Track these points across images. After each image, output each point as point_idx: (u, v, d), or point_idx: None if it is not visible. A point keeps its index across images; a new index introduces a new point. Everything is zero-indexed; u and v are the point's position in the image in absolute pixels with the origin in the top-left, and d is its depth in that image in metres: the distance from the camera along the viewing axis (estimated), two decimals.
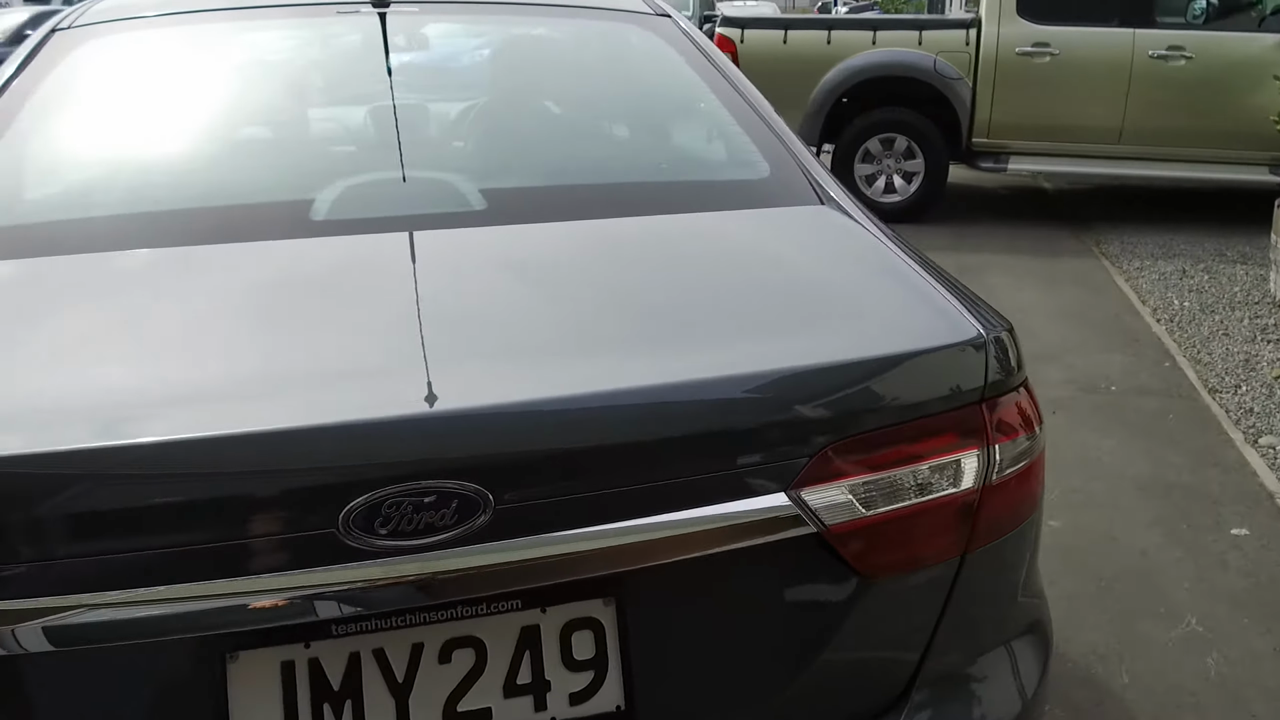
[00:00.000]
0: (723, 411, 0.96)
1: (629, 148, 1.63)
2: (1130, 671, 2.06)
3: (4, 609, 0.81)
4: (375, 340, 1.03)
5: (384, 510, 0.84)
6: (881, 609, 1.04)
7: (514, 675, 0.93)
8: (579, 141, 1.63)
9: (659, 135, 1.69)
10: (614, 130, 1.69)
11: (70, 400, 0.90)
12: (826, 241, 1.37)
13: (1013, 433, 1.10)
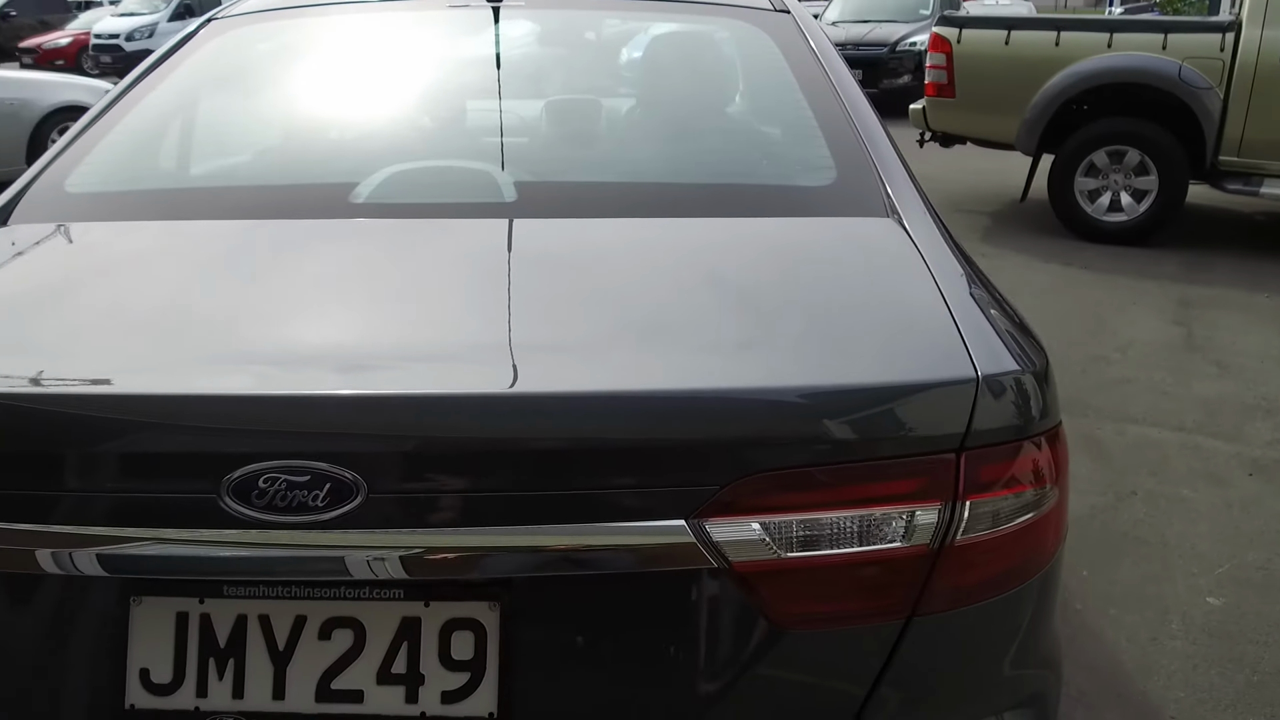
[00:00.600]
0: (636, 425, 0.91)
1: (695, 147, 1.58)
2: None
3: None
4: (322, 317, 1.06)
5: (259, 484, 0.87)
6: (800, 664, 0.94)
7: (389, 663, 0.93)
8: (643, 139, 1.59)
9: (730, 135, 1.62)
10: (685, 128, 1.64)
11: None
12: (858, 256, 1.26)
13: (1003, 489, 0.96)
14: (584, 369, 0.94)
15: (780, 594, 0.91)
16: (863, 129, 1.53)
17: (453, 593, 0.93)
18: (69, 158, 1.54)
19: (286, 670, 0.93)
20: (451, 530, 0.89)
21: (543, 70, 1.76)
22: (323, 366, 0.95)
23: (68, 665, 0.95)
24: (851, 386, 0.93)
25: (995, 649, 1.01)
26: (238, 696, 0.93)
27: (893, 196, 1.38)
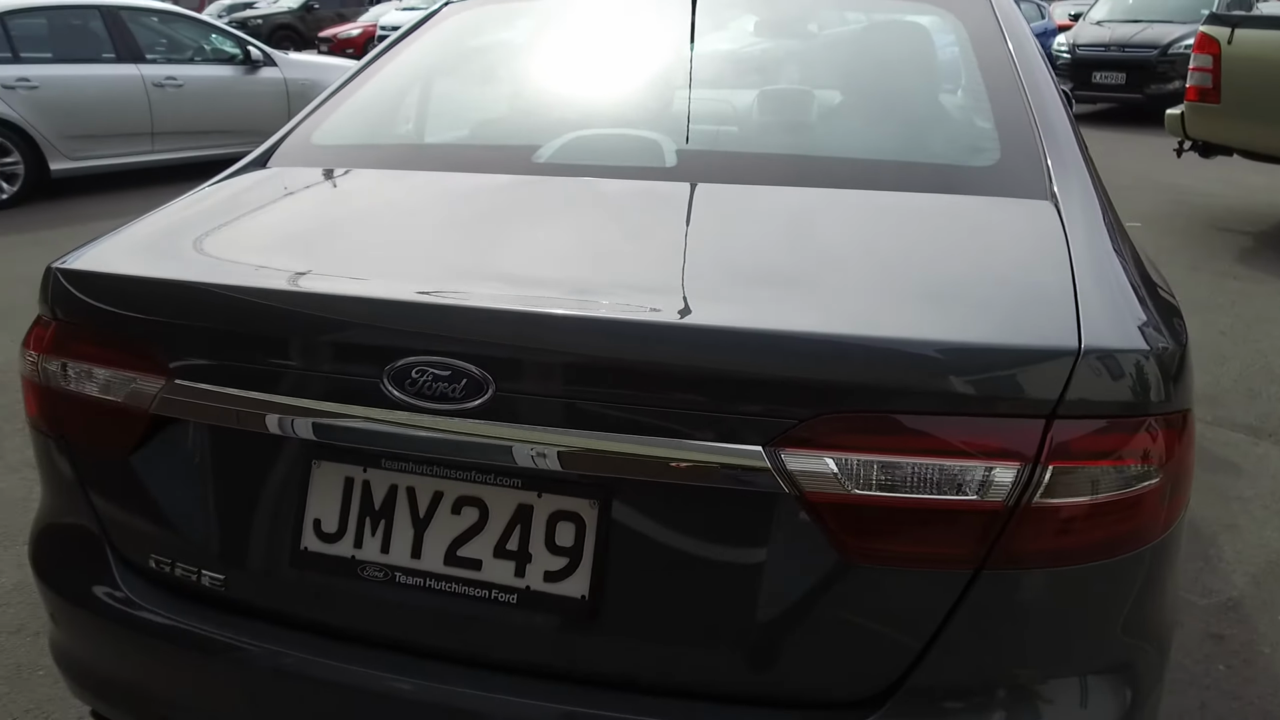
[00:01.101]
0: (731, 359, 1.00)
1: (856, 125, 1.63)
2: None
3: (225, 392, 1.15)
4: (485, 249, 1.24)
5: (412, 374, 1.05)
6: (864, 599, 0.99)
7: (505, 541, 1.08)
8: (805, 115, 1.66)
9: (897, 115, 1.65)
10: (849, 108, 1.69)
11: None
12: (997, 232, 1.27)
13: (1093, 460, 0.97)
14: (694, 305, 1.05)
15: (848, 528, 0.98)
16: (1039, 116, 1.52)
17: (561, 487, 1.07)
18: (317, 117, 1.84)
19: (423, 535, 1.11)
20: (564, 430, 1.02)
21: (722, 51, 1.87)
22: (476, 284, 1.12)
23: (261, 512, 1.18)
24: (942, 343, 0.98)
25: (1074, 614, 1.01)
26: (384, 551, 1.12)
27: (1054, 180, 1.38)
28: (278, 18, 20.71)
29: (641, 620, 1.05)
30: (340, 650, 1.13)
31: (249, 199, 1.53)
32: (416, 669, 1.10)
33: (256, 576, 1.18)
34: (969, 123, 1.56)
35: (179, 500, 1.21)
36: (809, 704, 1.03)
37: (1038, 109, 1.54)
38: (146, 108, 7.52)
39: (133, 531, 1.26)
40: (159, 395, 1.18)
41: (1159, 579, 1.06)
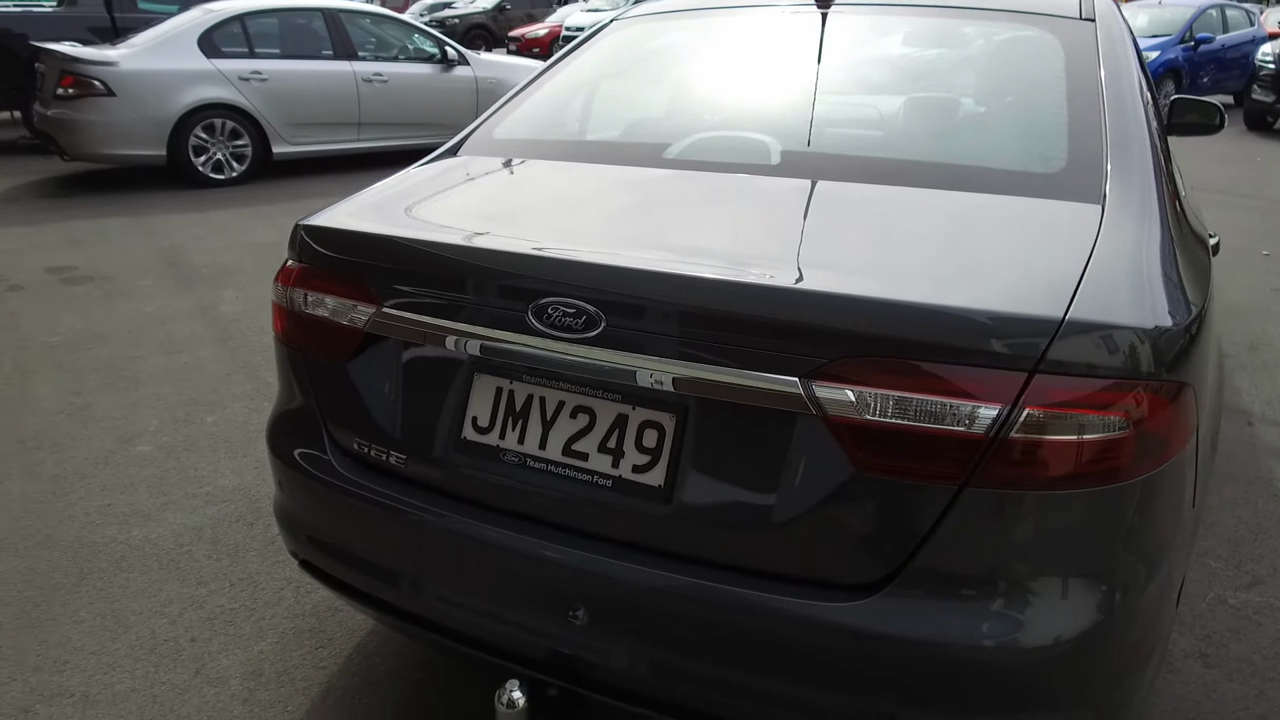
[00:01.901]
0: (778, 310, 1.29)
1: (940, 132, 1.87)
2: None
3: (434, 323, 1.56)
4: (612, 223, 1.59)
5: (548, 310, 1.42)
6: (871, 502, 1.27)
7: (607, 440, 1.43)
8: (896, 124, 1.92)
9: (980, 125, 1.88)
10: (938, 117, 1.93)
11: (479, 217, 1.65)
12: (1038, 227, 1.50)
13: (1067, 408, 1.21)
14: (758, 270, 1.36)
15: (861, 446, 1.27)
16: (1112, 132, 1.73)
17: (650, 402, 1.41)
18: (499, 115, 2.26)
19: (548, 432, 1.48)
20: (655, 358, 1.36)
21: (831, 66, 2.14)
22: (599, 246, 1.47)
23: (435, 410, 1.58)
24: (946, 308, 1.24)
25: (1050, 529, 1.24)
26: (520, 443, 1.50)
27: (1109, 186, 1.60)
28: (473, 17, 22.08)
29: (703, 507, 1.37)
30: (484, 516, 1.52)
31: (442, 180, 1.95)
32: (535, 533, 1.47)
33: (428, 458, 1.59)
34: (1045, 134, 1.78)
35: (378, 398, 1.64)
36: (826, 583, 1.32)
37: (1114, 125, 1.74)
38: (356, 100, 8.42)
39: (342, 420, 1.69)
40: (372, 318, 1.61)
41: (1136, 514, 1.28)
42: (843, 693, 1.30)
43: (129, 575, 2.56)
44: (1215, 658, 2.23)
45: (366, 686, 2.13)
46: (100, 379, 3.93)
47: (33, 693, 2.12)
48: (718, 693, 1.37)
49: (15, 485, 3.05)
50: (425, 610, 1.61)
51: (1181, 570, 1.61)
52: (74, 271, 5.50)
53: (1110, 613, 1.28)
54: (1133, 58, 2.05)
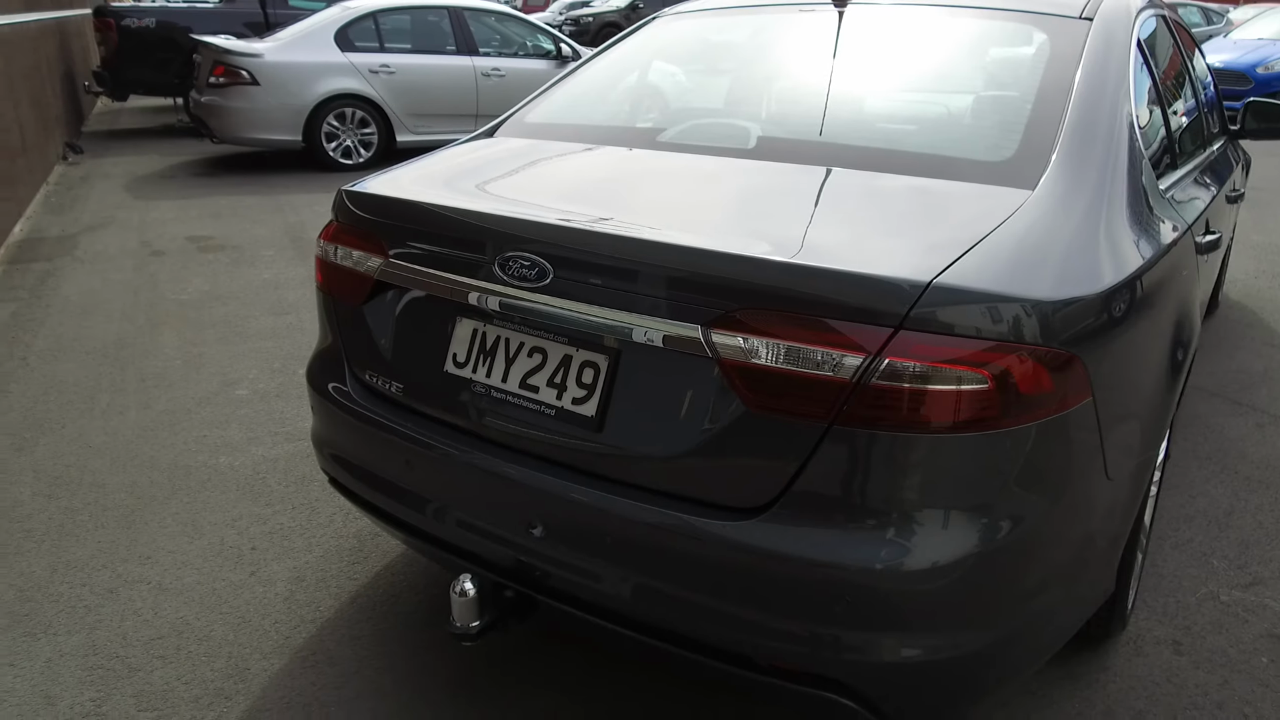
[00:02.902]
0: (688, 266, 1.50)
1: (902, 122, 2.02)
2: None
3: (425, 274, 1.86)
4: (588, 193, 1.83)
5: (509, 262, 1.67)
6: (758, 436, 1.46)
7: (554, 376, 1.67)
8: (863, 115, 2.07)
9: (936, 115, 2.02)
10: (905, 109, 2.07)
11: (479, 186, 1.93)
12: (959, 208, 1.65)
13: (925, 361, 1.37)
14: (680, 233, 1.57)
15: (749, 385, 1.46)
16: (1073, 127, 1.85)
17: (589, 345, 1.64)
18: (535, 103, 2.54)
19: (510, 369, 1.73)
20: (593, 305, 1.59)
21: (823, 60, 2.29)
22: (561, 210, 1.71)
23: (425, 347, 1.86)
24: (828, 270, 1.42)
25: (913, 468, 1.39)
26: (488, 376, 1.75)
27: (1046, 177, 1.73)
28: (606, 15, 22.60)
29: (624, 435, 1.59)
30: (459, 438, 1.79)
31: (466, 156, 2.24)
32: (497, 454, 1.73)
33: (418, 388, 1.87)
34: (1003, 127, 1.90)
35: (383, 337, 1.93)
36: (720, 505, 1.52)
37: (1075, 121, 1.86)
38: (475, 94, 8.92)
39: (359, 355, 2.00)
40: (380, 267, 1.90)
41: (1003, 462, 1.42)
42: (732, 598, 1.50)
43: (211, 494, 2.97)
44: (1188, 647, 2.28)
45: (388, 598, 2.44)
46: (215, 333, 4.44)
47: (119, 579, 2.53)
48: (637, 597, 1.59)
49: (132, 416, 3.54)
50: (415, 520, 1.89)
51: (1106, 537, 1.72)
52: (209, 241, 6.14)
53: (970, 546, 1.43)
54: (1127, 58, 2.13)
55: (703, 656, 1.57)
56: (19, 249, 5.91)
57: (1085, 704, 2.07)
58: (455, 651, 2.22)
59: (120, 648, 2.25)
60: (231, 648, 2.25)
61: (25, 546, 2.68)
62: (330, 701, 2.07)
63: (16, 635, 2.30)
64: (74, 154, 9.12)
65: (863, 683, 1.49)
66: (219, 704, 2.07)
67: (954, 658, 1.48)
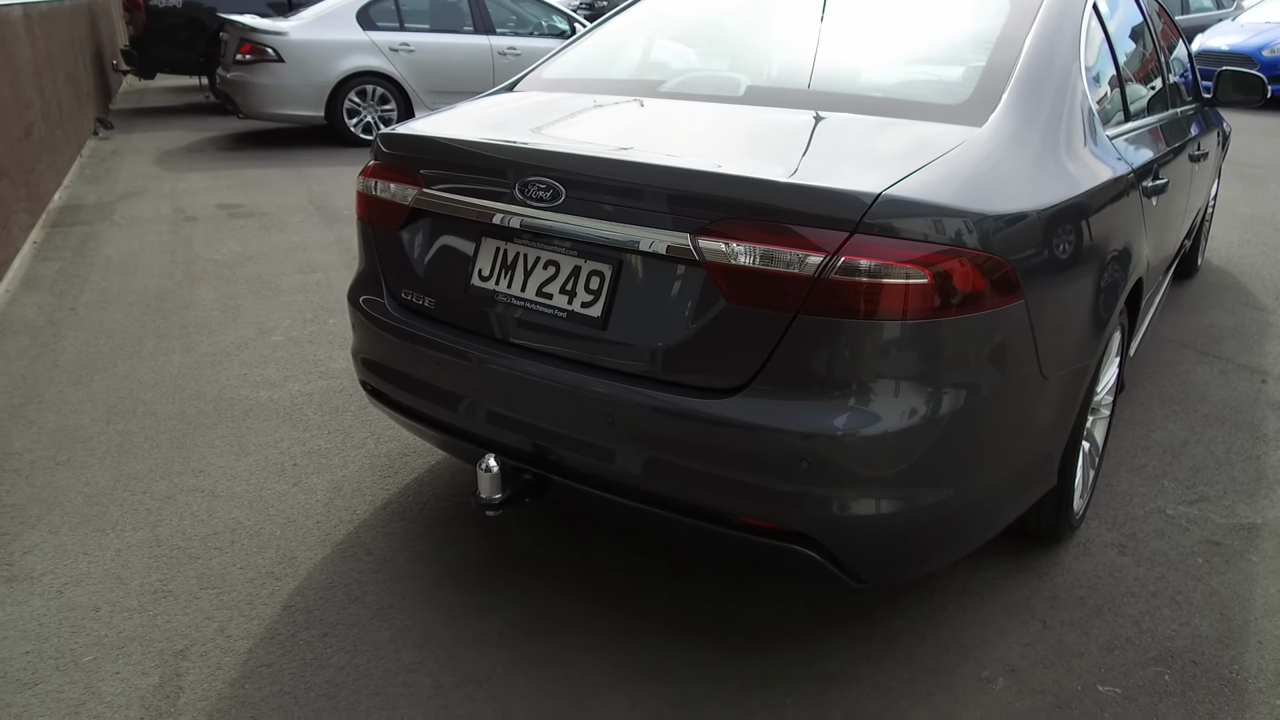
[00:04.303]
0: (679, 184, 1.77)
1: (876, 72, 2.28)
2: None
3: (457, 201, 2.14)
4: (595, 131, 2.10)
5: (528, 186, 1.94)
6: (737, 327, 1.73)
7: (565, 284, 1.95)
8: (835, 64, 2.33)
9: (909, 66, 2.29)
10: (873, 59, 2.33)
11: (503, 125, 2.20)
12: (912, 142, 1.91)
13: (873, 258, 1.63)
14: (671, 158, 1.84)
15: (729, 283, 1.73)
16: (1023, 75, 2.11)
17: (595, 256, 1.91)
18: (550, 61, 2.81)
19: (528, 280, 2.01)
20: (599, 220, 1.86)
21: (800, 19, 2.55)
22: (571, 143, 1.98)
23: (453, 265, 2.14)
24: (795, 184, 1.69)
25: (869, 350, 1.65)
26: (509, 287, 2.03)
27: (994, 117, 1.99)
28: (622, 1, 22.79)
29: (627, 331, 1.86)
30: (484, 343, 2.07)
31: (491, 106, 2.51)
32: (513, 353, 2.01)
33: (447, 301, 2.15)
34: (962, 75, 2.17)
35: (416, 258, 2.21)
36: (705, 388, 1.79)
37: (1026, 70, 2.12)
38: (491, 71, 9.18)
39: (395, 275, 2.28)
40: (415, 197, 2.18)
41: (943, 346, 1.68)
42: (714, 464, 1.77)
43: (254, 421, 3.27)
44: (1131, 549, 2.54)
45: (418, 504, 2.73)
46: (249, 288, 4.74)
47: (175, 488, 2.83)
48: (636, 470, 1.87)
49: (177, 358, 3.85)
50: (445, 416, 2.17)
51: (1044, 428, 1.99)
52: (239, 208, 6.44)
53: (918, 416, 1.69)
54: (1080, 17, 2.38)
55: (687, 518, 1.85)
56: (60, 214, 6.23)
57: (1034, 591, 2.34)
58: (480, 544, 2.51)
59: (181, 541, 2.55)
60: (280, 541, 2.55)
61: (89, 462, 2.98)
62: (369, 581, 2.36)
63: (88, 531, 2.60)
64: (104, 129, 9.44)
65: (823, 535, 1.76)
66: (270, 584, 2.36)
67: (903, 515, 1.76)
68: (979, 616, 2.24)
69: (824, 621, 2.22)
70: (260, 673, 2.05)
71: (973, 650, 2.12)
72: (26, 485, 2.84)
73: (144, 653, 2.12)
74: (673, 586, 2.35)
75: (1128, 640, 2.16)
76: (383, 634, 2.17)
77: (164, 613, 2.25)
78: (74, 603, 2.29)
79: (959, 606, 2.27)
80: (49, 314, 4.36)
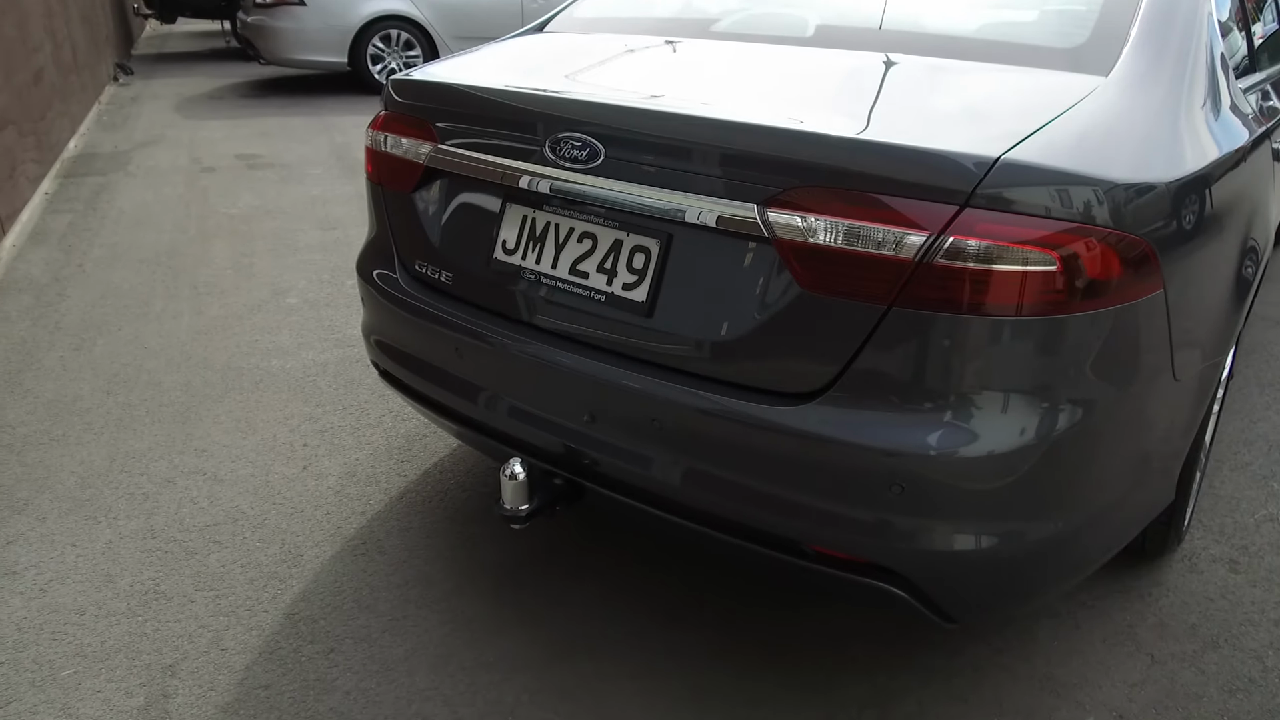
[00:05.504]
0: (750, 146, 1.45)
1: (973, 10, 1.93)
2: None
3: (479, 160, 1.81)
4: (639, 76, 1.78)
5: (560, 144, 1.63)
6: (813, 317, 1.43)
7: (604, 261, 1.64)
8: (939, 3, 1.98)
9: (1011, 5, 1.93)
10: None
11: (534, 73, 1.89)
12: (1029, 92, 1.57)
13: (990, 240, 1.32)
14: (735, 110, 1.52)
15: (806, 266, 1.42)
16: (1149, 17, 1.74)
17: (640, 229, 1.60)
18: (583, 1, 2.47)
19: (560, 255, 1.71)
20: (645, 186, 1.55)
21: None
22: (613, 91, 1.67)
23: (474, 235, 1.84)
24: (887, 143, 1.36)
25: (978, 351, 1.34)
26: (537, 263, 1.73)
27: (1120, 63, 1.64)
28: None
29: (677, 320, 1.56)
30: (508, 326, 1.78)
31: (518, 49, 2.19)
32: (542, 340, 1.72)
33: (467, 276, 1.85)
34: (1075, 14, 1.81)
35: (433, 226, 1.92)
36: (774, 391, 1.49)
37: (1151, 10, 1.76)
38: (520, 16, 8.77)
39: (408, 246, 1.99)
40: (429, 155, 1.88)
41: (1067, 349, 1.37)
42: (782, 483, 1.48)
43: (263, 394, 3.02)
44: (1245, 565, 2.23)
45: (437, 494, 2.47)
46: (265, 245, 4.48)
47: (175, 469, 2.59)
48: (685, 483, 1.58)
49: (186, 320, 3.60)
50: (463, 408, 1.89)
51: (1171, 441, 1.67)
52: (258, 159, 6.17)
53: (1030, 435, 1.39)
54: None
55: (748, 542, 1.57)
56: (74, 163, 5.99)
57: (1137, 616, 2.04)
58: (502, 544, 2.25)
59: (178, 532, 2.32)
60: (285, 535, 2.30)
61: (85, 438, 2.75)
62: (380, 586, 2.11)
63: (78, 519, 2.37)
64: (124, 75, 9.17)
65: (913, 570, 1.47)
66: (273, 586, 2.12)
67: (1008, 550, 1.46)
68: (1075, 647, 1.95)
69: (897, 650, 1.94)
70: (256, 696, 1.81)
71: (1072, 690, 1.83)
72: (17, 463, 2.62)
73: (129, 667, 1.88)
74: (722, 601, 2.07)
75: (1252, 681, 1.86)
76: (395, 651, 1.92)
77: (154, 618, 2.02)
78: (57, 603, 2.07)
79: (1051, 634, 1.98)
80: (55, 271, 4.13)
